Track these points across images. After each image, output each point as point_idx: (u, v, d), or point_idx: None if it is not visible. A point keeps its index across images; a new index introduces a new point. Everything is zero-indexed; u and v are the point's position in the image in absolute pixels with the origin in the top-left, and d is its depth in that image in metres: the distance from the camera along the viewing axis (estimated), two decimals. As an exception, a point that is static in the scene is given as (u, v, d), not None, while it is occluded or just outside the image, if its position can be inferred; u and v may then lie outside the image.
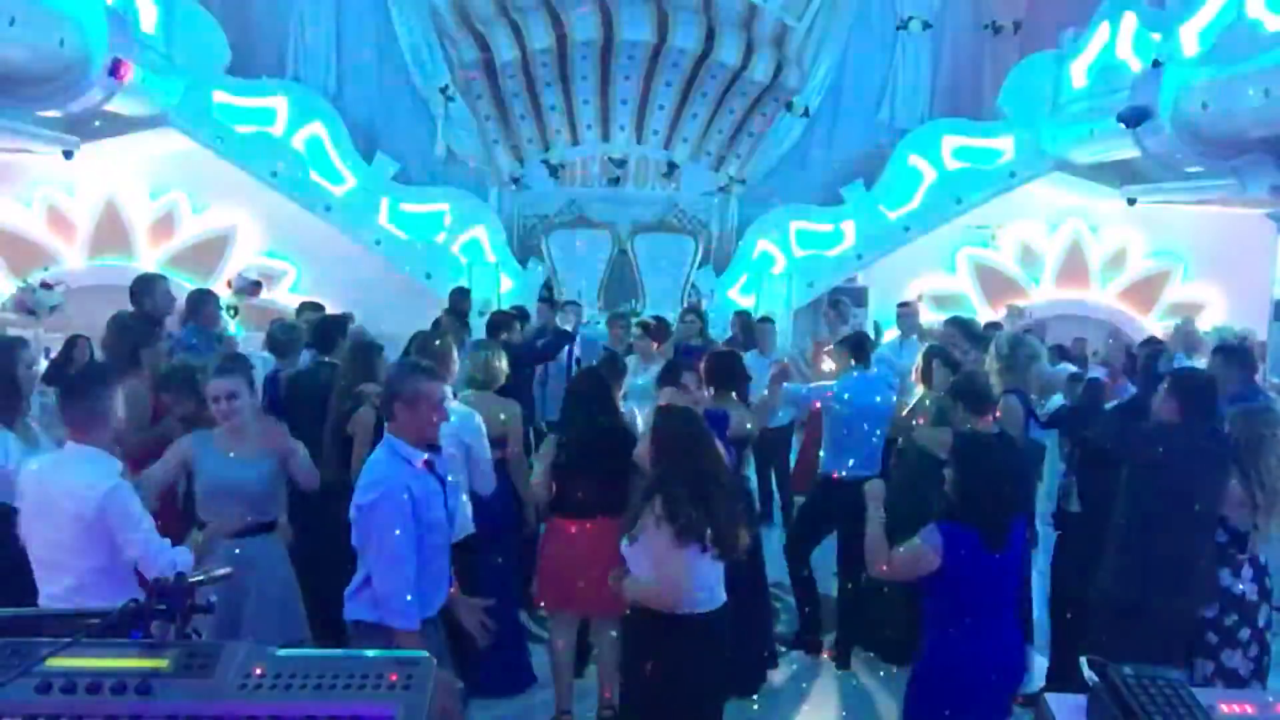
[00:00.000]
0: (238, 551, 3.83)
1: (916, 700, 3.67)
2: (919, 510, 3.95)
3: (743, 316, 9.27)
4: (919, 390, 5.74)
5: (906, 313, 8.61)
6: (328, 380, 5.24)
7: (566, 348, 8.32)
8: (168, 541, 3.40)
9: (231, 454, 4.08)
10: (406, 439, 3.54)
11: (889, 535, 3.71)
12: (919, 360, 5.80)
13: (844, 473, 5.51)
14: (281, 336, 6.00)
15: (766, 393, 5.62)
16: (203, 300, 6.47)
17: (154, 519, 3.50)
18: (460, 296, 8.92)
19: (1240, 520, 4.12)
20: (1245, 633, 4.12)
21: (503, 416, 5.03)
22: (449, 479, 3.72)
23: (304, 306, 8.07)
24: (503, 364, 5.23)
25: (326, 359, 5.56)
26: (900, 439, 5.63)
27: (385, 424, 3.65)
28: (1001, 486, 3.53)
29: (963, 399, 4.81)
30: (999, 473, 3.56)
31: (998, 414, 4.94)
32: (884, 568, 3.65)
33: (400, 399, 3.55)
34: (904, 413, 5.66)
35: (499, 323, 7.41)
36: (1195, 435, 4.19)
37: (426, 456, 3.56)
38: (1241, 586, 4.12)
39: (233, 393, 4.10)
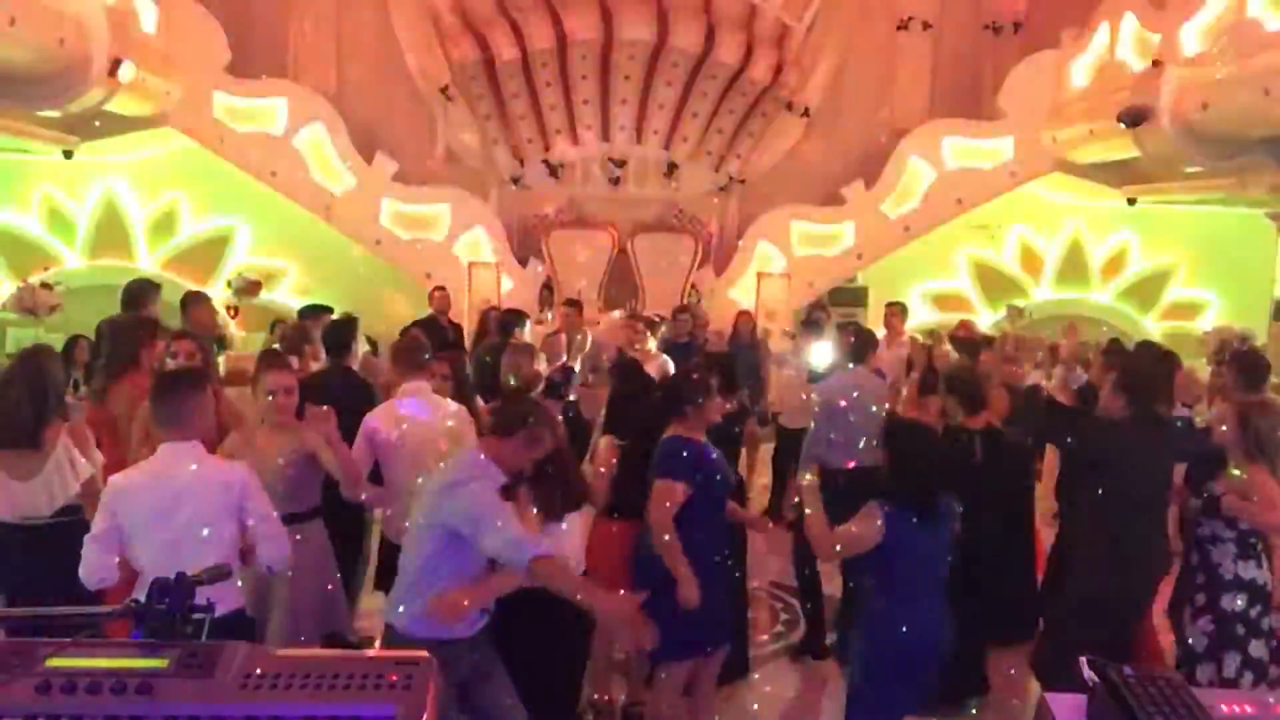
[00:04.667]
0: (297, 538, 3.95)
1: (858, 675, 3.85)
2: None
3: (746, 316, 9.27)
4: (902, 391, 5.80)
5: (893, 312, 9.06)
6: (342, 384, 5.23)
7: (566, 346, 8.33)
8: (285, 529, 3.49)
9: (261, 447, 4.13)
10: (502, 463, 3.53)
11: None
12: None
13: (834, 465, 5.55)
14: (297, 339, 5.99)
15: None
16: (192, 303, 6.36)
17: None
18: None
19: None
20: (1267, 622, 4.17)
21: None
22: None
23: (306, 310, 7.98)
24: (539, 368, 5.21)
25: (341, 362, 5.55)
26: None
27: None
28: (930, 467, 3.75)
29: (956, 394, 4.82)
30: (928, 455, 3.79)
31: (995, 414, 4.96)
32: (834, 548, 3.79)
33: (529, 434, 3.56)
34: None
35: (510, 322, 7.36)
36: (1142, 427, 4.32)
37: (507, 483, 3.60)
38: (1263, 578, 4.16)
39: (290, 387, 4.21)
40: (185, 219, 12.09)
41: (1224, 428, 4.32)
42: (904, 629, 3.67)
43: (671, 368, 6.97)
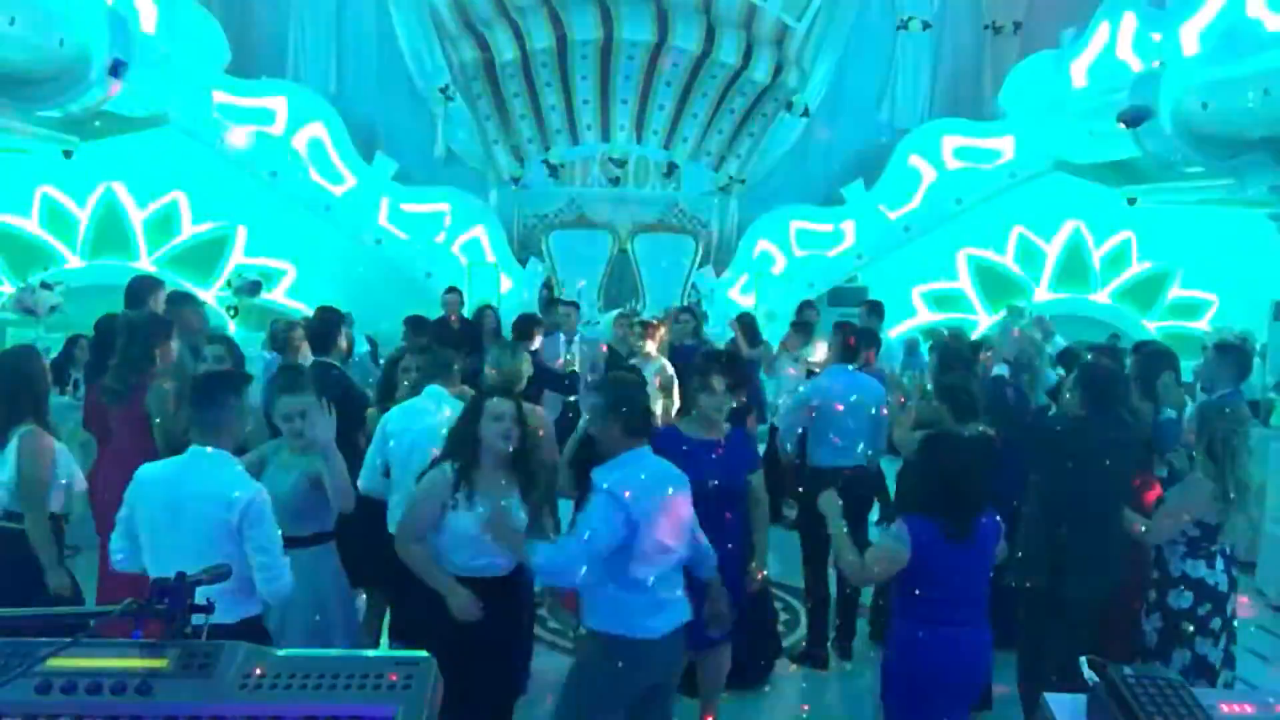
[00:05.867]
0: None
1: (886, 691, 3.76)
2: None
3: (745, 318, 9.21)
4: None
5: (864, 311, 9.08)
6: (326, 381, 5.21)
7: (565, 346, 8.33)
8: (287, 561, 3.36)
9: (277, 463, 4.02)
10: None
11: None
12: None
13: (826, 463, 5.56)
14: (285, 335, 5.97)
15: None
16: (177, 303, 6.29)
17: None
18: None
19: (1209, 514, 4.19)
20: (1217, 622, 4.22)
21: (530, 421, 4.97)
22: None
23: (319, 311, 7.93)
24: (525, 366, 5.18)
25: (324, 359, 5.53)
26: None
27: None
28: (959, 481, 3.58)
29: (948, 403, 4.81)
30: (958, 468, 3.62)
31: None
32: (858, 571, 3.73)
33: None
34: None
35: (527, 329, 7.29)
36: (1102, 427, 4.32)
37: None
38: (1214, 578, 4.21)
39: (304, 411, 3.96)
40: (185, 219, 12.07)
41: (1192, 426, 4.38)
42: (929, 652, 3.54)
43: (671, 371, 6.95)
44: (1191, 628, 4.20)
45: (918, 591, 3.56)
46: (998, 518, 3.74)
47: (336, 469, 3.84)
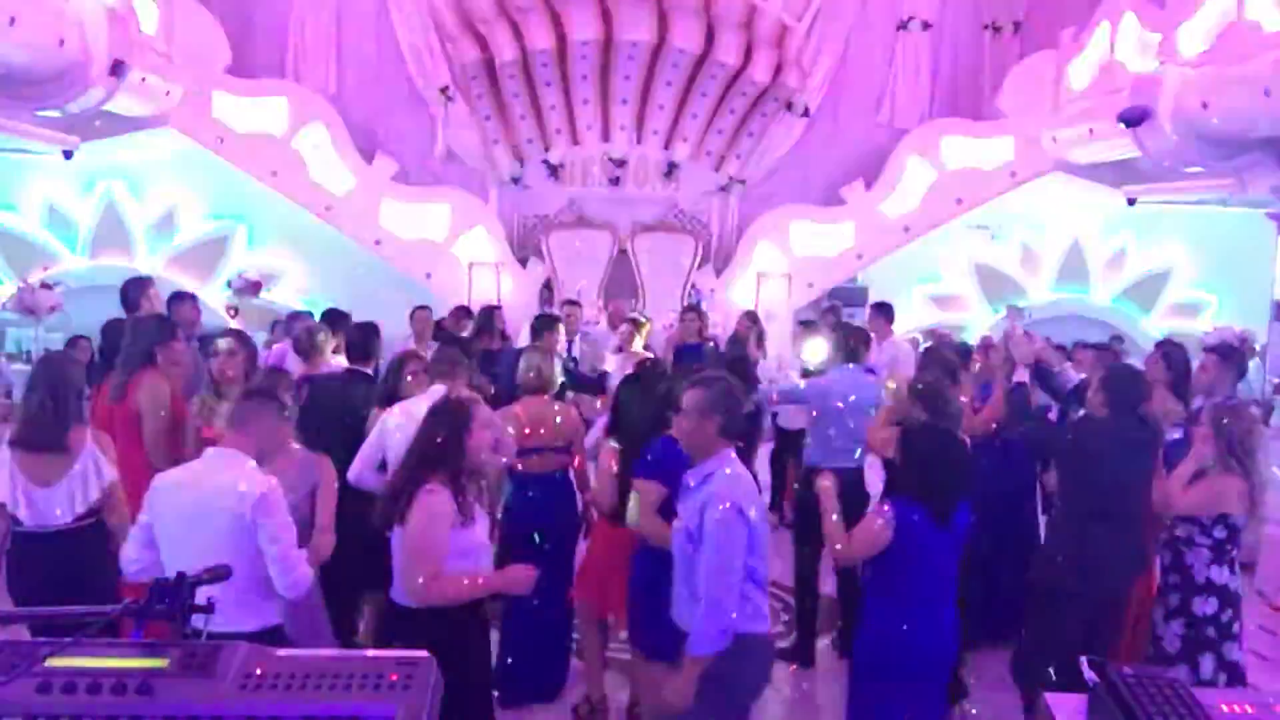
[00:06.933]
0: None
1: (857, 675, 3.82)
2: None
3: (751, 316, 9.22)
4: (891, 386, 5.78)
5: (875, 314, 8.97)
6: (359, 390, 5.26)
7: (566, 345, 8.35)
8: (304, 554, 3.39)
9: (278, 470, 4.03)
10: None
11: None
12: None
13: (840, 465, 5.53)
14: (307, 341, 5.99)
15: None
16: (177, 301, 6.33)
17: None
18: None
19: (1239, 515, 4.17)
20: (1238, 626, 4.21)
21: (559, 421, 5.00)
22: None
23: (327, 313, 7.95)
24: (556, 370, 5.22)
25: (359, 368, 5.58)
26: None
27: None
28: (944, 466, 3.70)
29: (923, 403, 4.80)
30: (941, 455, 3.74)
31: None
32: (842, 548, 3.80)
33: None
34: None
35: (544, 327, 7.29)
36: (1119, 428, 4.36)
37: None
38: (1234, 584, 4.21)
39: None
40: (185, 219, 12.07)
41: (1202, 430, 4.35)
42: (905, 632, 3.61)
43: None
44: (1215, 633, 4.19)
45: (898, 572, 3.66)
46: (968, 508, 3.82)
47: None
